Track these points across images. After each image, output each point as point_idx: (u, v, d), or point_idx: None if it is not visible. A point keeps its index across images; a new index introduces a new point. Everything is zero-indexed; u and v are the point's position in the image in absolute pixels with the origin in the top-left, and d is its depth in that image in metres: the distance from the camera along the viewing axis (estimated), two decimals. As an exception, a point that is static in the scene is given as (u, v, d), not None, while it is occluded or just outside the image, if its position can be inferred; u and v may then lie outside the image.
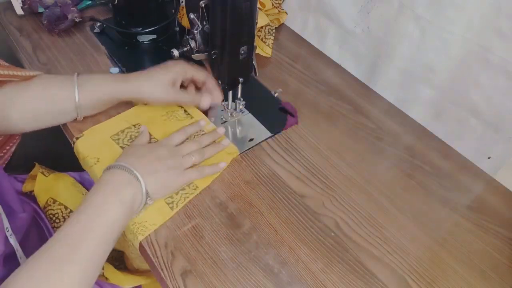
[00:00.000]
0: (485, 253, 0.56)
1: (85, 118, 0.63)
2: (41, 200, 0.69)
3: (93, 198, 0.48)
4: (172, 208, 0.55)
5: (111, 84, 0.60)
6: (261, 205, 0.57)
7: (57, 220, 0.68)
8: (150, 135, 0.63)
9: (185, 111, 0.67)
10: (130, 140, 0.62)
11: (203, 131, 0.65)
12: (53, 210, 0.68)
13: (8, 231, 0.58)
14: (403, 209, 0.59)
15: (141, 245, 0.52)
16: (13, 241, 0.58)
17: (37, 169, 0.71)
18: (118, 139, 0.62)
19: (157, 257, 0.50)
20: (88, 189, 0.75)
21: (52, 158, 0.95)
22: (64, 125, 0.63)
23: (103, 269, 0.64)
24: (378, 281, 0.51)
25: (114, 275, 0.64)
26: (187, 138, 0.62)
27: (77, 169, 0.80)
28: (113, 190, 0.49)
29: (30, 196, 0.70)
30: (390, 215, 0.58)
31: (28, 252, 0.56)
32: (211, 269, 0.50)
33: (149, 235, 0.52)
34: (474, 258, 0.55)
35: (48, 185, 0.69)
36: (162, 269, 0.49)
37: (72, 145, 0.62)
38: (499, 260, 0.56)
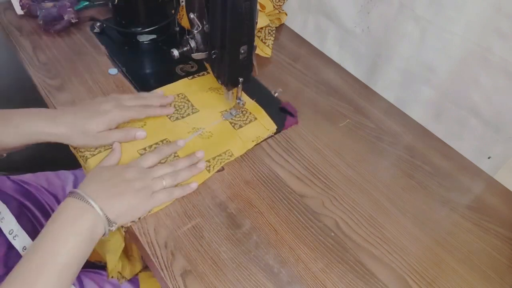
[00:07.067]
0: (485, 253, 0.56)
1: None
2: None
3: (49, 229, 0.47)
4: (209, 171, 0.59)
5: (39, 127, 0.55)
6: (261, 205, 0.57)
7: None
8: (192, 104, 0.67)
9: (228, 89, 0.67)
10: (176, 110, 0.66)
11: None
12: None
13: (11, 233, 0.58)
14: (403, 209, 0.59)
15: (140, 245, 0.52)
16: (17, 242, 0.57)
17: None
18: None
19: (157, 257, 0.50)
20: None
21: (50, 158, 0.95)
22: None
23: None
24: (378, 281, 0.51)
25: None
26: (163, 161, 0.59)
27: (72, 167, 0.80)
28: (68, 221, 0.47)
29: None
30: (390, 215, 0.58)
31: None
32: (211, 269, 0.50)
33: (148, 234, 0.52)
34: (474, 258, 0.55)
35: None
36: (162, 269, 0.49)
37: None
38: (499, 260, 0.56)
